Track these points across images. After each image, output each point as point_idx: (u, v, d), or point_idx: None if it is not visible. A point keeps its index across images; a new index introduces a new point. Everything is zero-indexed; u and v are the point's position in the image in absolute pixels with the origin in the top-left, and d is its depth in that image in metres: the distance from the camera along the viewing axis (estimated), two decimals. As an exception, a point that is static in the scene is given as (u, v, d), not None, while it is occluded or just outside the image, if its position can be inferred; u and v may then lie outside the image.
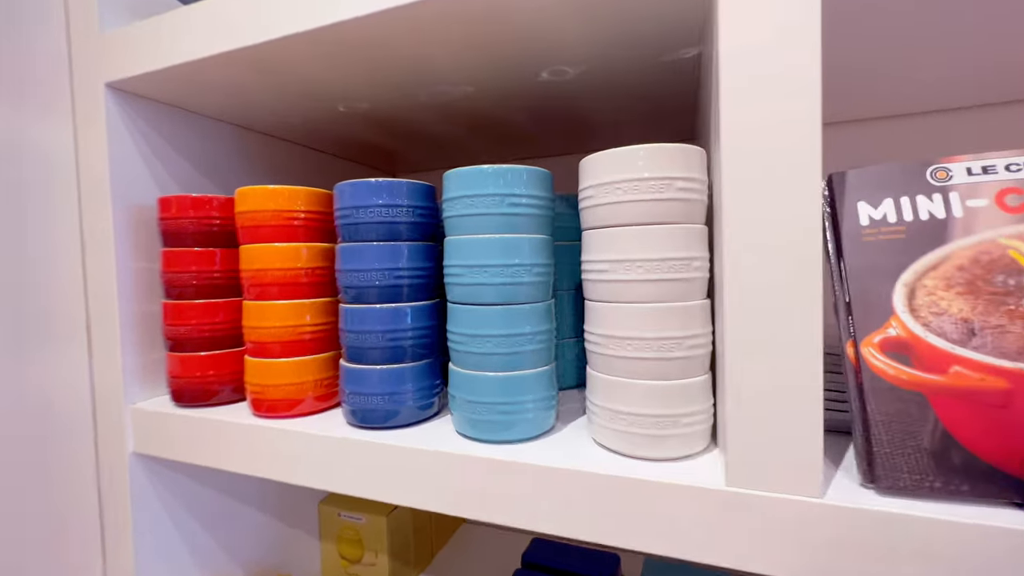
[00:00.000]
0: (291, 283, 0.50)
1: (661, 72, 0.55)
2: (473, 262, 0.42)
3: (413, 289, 0.48)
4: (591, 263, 0.41)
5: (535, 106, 0.65)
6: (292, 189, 0.51)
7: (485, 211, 0.41)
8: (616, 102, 0.64)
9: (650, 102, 0.64)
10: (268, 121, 0.69)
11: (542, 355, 0.44)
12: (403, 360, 0.47)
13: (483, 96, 0.61)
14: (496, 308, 0.42)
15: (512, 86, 0.58)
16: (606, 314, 0.40)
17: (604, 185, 0.39)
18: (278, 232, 0.51)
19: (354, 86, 0.58)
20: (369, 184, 0.46)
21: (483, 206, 0.41)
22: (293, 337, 0.50)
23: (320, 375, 0.52)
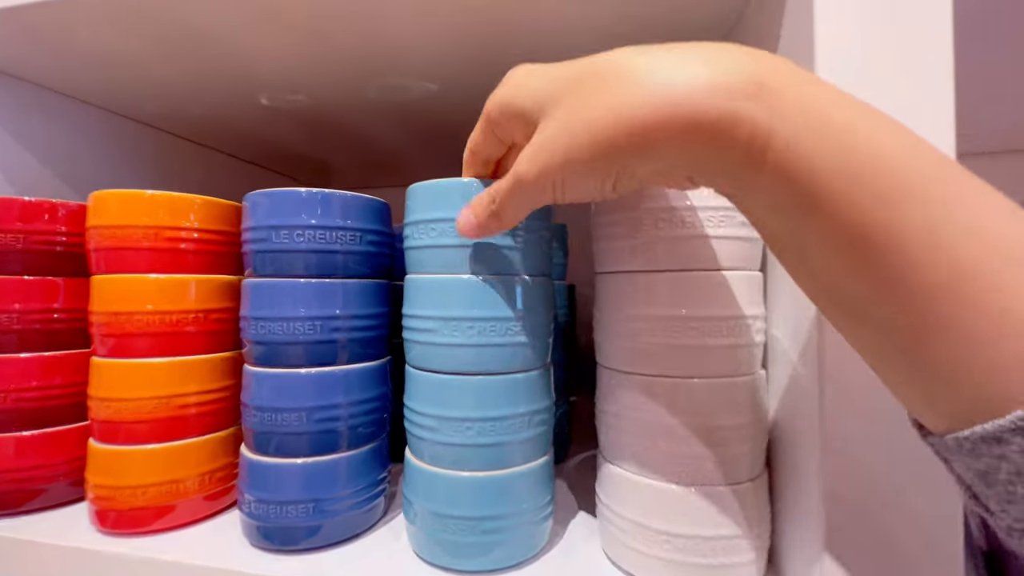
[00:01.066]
0: (170, 332, 0.35)
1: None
2: (448, 312, 0.29)
3: (355, 345, 0.34)
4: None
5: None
6: (178, 197, 0.36)
7: (465, 241, 0.29)
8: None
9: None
10: (155, 107, 0.53)
11: (540, 442, 0.32)
12: (337, 448, 0.33)
13: (447, 96, 0.49)
14: (482, 380, 0.29)
15: (485, 83, 0.47)
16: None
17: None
18: (154, 258, 0.35)
19: (288, 68, 0.44)
20: (296, 196, 0.32)
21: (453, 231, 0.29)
22: (169, 413, 0.34)
23: (210, 465, 0.36)
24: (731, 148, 0.17)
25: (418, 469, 0.31)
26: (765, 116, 0.16)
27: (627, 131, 0.18)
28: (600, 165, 0.19)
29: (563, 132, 0.20)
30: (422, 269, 0.31)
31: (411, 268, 0.32)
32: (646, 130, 0.18)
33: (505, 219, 0.25)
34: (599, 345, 0.33)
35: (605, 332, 0.32)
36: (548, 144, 0.21)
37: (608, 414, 0.31)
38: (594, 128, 0.19)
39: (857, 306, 0.17)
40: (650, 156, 0.18)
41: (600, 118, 0.18)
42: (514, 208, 0.25)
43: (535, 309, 0.31)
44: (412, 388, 0.31)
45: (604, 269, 0.32)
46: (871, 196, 0.15)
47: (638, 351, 0.29)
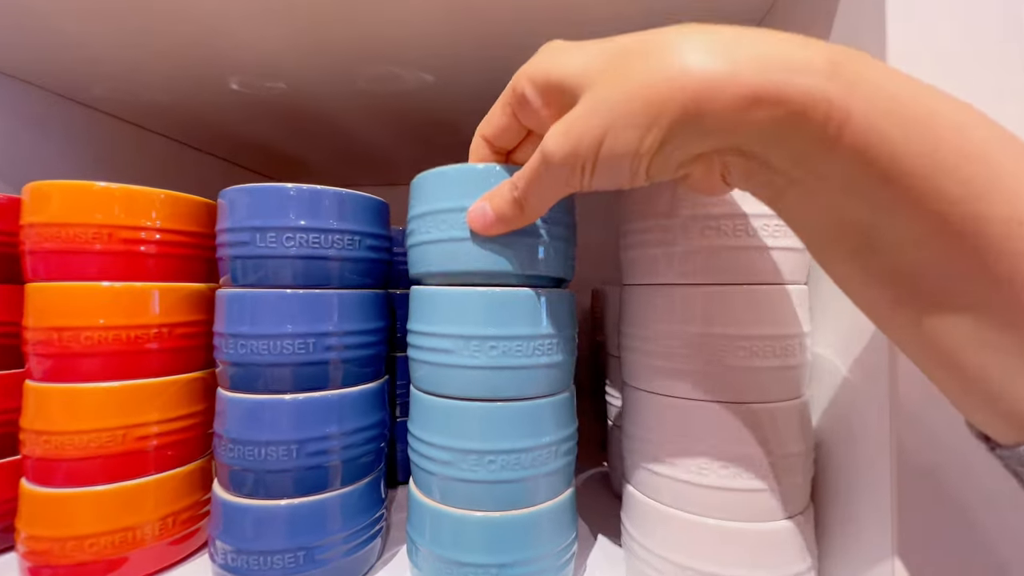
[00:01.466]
0: (127, 351, 0.29)
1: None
2: (469, 330, 0.25)
3: (351, 365, 0.29)
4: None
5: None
6: (137, 191, 0.30)
7: (468, 234, 0.25)
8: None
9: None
10: (104, 91, 0.46)
11: (566, 474, 0.28)
12: (328, 486, 0.28)
13: (444, 89, 0.46)
14: (507, 407, 0.26)
15: (485, 78, 0.44)
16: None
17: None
18: (108, 262, 0.30)
19: (267, 52, 0.39)
20: (283, 193, 0.28)
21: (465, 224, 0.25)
22: (124, 447, 0.29)
23: (173, 507, 0.31)
24: (803, 126, 0.15)
25: (426, 508, 0.27)
26: (842, 95, 0.15)
27: (685, 98, 0.16)
28: (645, 136, 0.17)
29: (605, 103, 0.18)
30: (426, 267, 0.27)
31: (416, 267, 0.28)
32: (706, 99, 0.16)
33: (528, 208, 0.23)
34: (627, 363, 0.30)
35: (635, 349, 0.29)
36: (585, 117, 0.18)
37: (636, 439, 0.28)
38: (647, 93, 0.17)
39: (934, 298, 0.16)
40: (705, 129, 0.17)
41: (656, 84, 0.17)
42: (539, 195, 0.22)
43: (562, 324, 0.27)
44: (421, 415, 0.27)
45: (635, 281, 0.29)
46: (956, 184, 0.15)
47: (673, 371, 0.27)
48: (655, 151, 0.18)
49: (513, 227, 0.24)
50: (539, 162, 0.20)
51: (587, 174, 0.19)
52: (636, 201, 0.28)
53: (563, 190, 0.21)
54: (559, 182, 0.21)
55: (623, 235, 0.30)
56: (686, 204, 0.26)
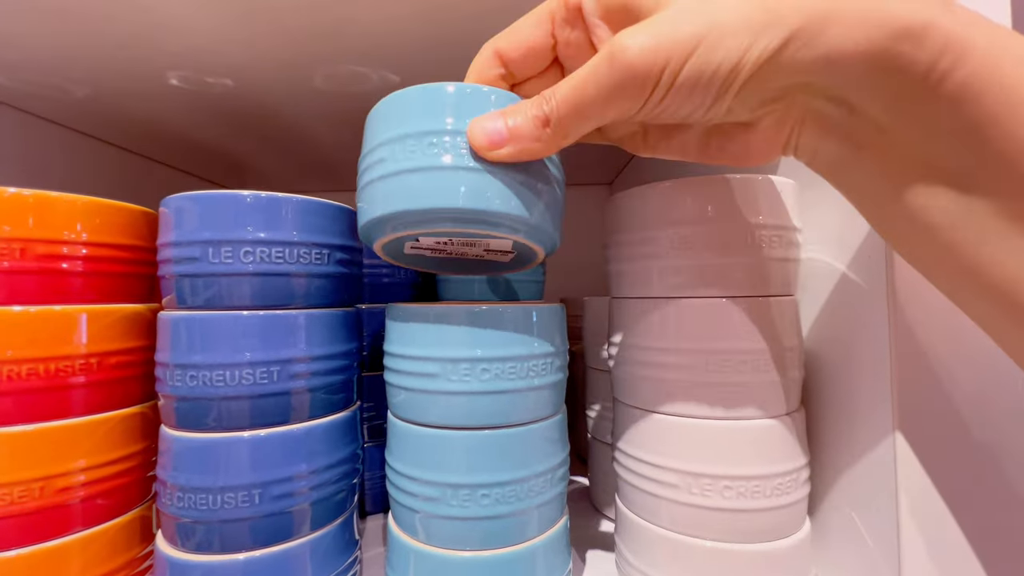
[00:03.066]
0: (47, 387, 0.25)
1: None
2: (450, 352, 0.23)
3: (320, 393, 0.26)
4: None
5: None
6: (57, 199, 0.26)
7: (468, 163, 0.20)
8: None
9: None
10: (13, 83, 0.40)
11: (560, 502, 0.27)
12: (294, 534, 0.25)
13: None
14: (496, 434, 0.24)
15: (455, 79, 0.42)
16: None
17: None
18: (20, 283, 0.25)
19: (212, 43, 0.35)
20: (237, 201, 0.24)
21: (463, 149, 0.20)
22: (44, 501, 0.24)
23: (105, 567, 0.26)
24: (916, 57, 0.15)
25: (409, 548, 0.24)
26: (960, 26, 0.14)
27: (811, 9, 0.15)
28: (754, 44, 0.15)
29: (705, 3, 0.16)
30: (383, 209, 0.21)
31: (367, 214, 0.22)
32: (833, 14, 0.15)
33: (560, 131, 0.18)
34: (619, 378, 0.29)
35: (628, 362, 0.27)
36: (675, 17, 0.16)
37: (631, 458, 0.27)
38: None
39: None
40: (817, 52, 0.15)
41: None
42: (581, 113, 0.18)
43: (556, 340, 0.25)
44: (401, 446, 0.25)
45: (625, 294, 0.28)
46: None
47: (670, 388, 0.25)
48: (758, 67, 0.16)
49: (531, 155, 0.19)
50: (600, 63, 0.16)
51: (661, 89, 0.16)
52: (626, 211, 0.27)
53: (612, 110, 0.17)
54: (615, 95, 0.17)
55: (612, 246, 0.29)
56: (672, 219, 0.25)
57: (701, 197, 0.24)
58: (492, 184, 0.20)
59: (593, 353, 0.41)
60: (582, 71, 0.17)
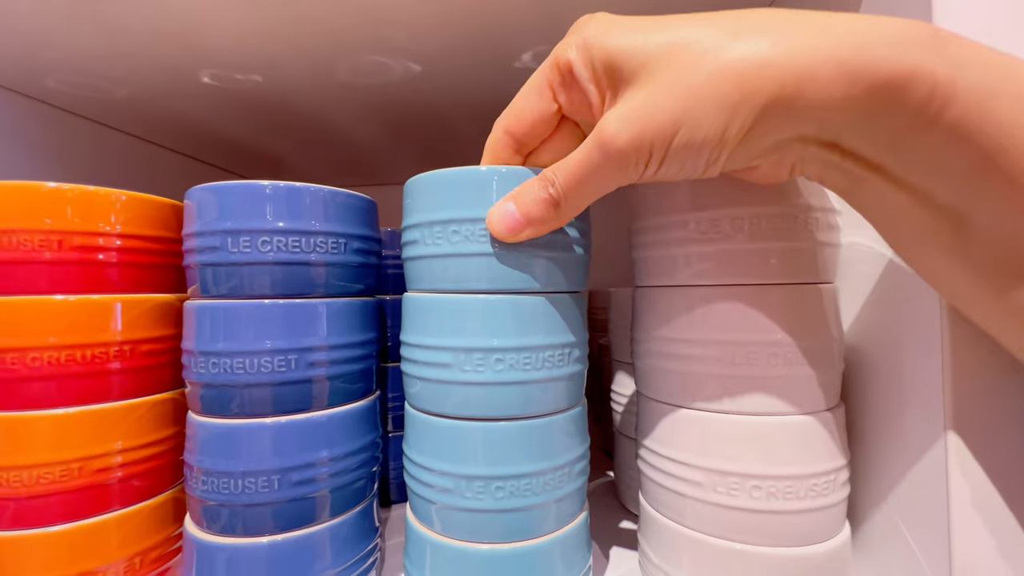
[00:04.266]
0: (85, 373, 0.26)
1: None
2: (470, 342, 0.23)
3: (340, 382, 0.27)
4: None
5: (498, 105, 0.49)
6: (94, 192, 0.27)
7: (491, 249, 0.23)
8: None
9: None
10: (62, 86, 0.43)
11: (579, 496, 0.26)
12: (316, 519, 0.25)
13: (432, 79, 0.43)
14: (511, 426, 0.23)
15: (476, 68, 0.41)
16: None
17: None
18: (60, 273, 0.26)
19: (241, 42, 0.36)
20: (258, 191, 0.25)
21: (482, 236, 0.22)
22: (83, 481, 0.26)
23: (141, 544, 0.27)
24: (903, 103, 0.14)
25: (425, 539, 0.24)
26: (946, 68, 0.14)
27: (782, 78, 0.14)
28: (732, 121, 0.15)
29: (681, 86, 0.16)
30: (431, 285, 0.24)
31: (415, 283, 0.25)
32: (804, 79, 0.14)
33: (566, 207, 0.20)
34: (642, 371, 0.27)
35: (651, 355, 0.26)
36: (654, 99, 0.16)
37: (655, 454, 0.26)
38: (737, 75, 0.15)
39: None
40: (798, 113, 0.15)
41: (746, 65, 0.15)
42: (582, 191, 0.19)
43: (575, 330, 0.25)
44: (417, 436, 0.25)
45: (649, 282, 0.27)
46: None
47: (692, 382, 0.24)
48: (740, 138, 0.16)
49: (544, 230, 0.21)
50: (592, 151, 0.18)
51: (653, 164, 0.17)
52: (650, 196, 0.26)
53: (612, 184, 0.19)
54: (611, 175, 0.18)
55: (636, 233, 0.27)
56: (705, 197, 0.23)
57: (730, 179, 0.23)
58: (511, 260, 0.22)
59: (619, 346, 0.40)
60: (578, 155, 0.19)
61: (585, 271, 0.26)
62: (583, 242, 0.25)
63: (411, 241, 0.25)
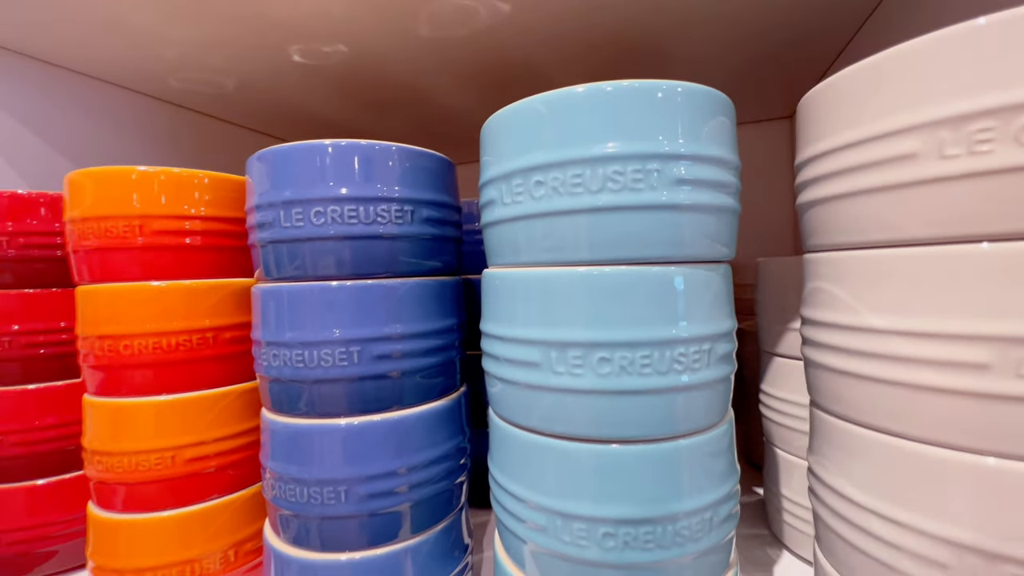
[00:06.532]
0: (177, 360, 0.25)
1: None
2: (557, 334, 0.17)
3: (417, 377, 0.22)
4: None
5: (597, 44, 0.41)
6: (176, 174, 0.26)
7: (601, 201, 0.16)
8: (724, 35, 0.39)
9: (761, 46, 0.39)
10: (184, 84, 0.45)
11: (723, 552, 0.18)
12: (397, 536, 0.22)
13: (522, 20, 0.36)
14: (624, 451, 0.17)
15: (573, 4, 0.33)
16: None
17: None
18: (151, 259, 0.26)
19: (327, 10, 0.33)
20: (319, 152, 0.21)
21: (596, 187, 0.16)
22: (179, 470, 0.25)
23: (237, 535, 0.27)
24: None
25: (519, 583, 0.19)
26: None
27: None
28: None
29: None
30: (514, 257, 0.18)
31: (494, 257, 0.20)
32: None
33: None
34: (819, 375, 0.19)
35: (842, 355, 0.18)
36: None
37: (845, 500, 0.17)
38: None
39: None
40: None
41: None
42: None
43: (717, 317, 0.17)
44: (502, 451, 0.19)
45: (835, 241, 0.18)
46: None
47: (920, 401, 0.15)
48: None
49: None
50: None
51: None
52: (846, 96, 0.17)
53: None
54: None
55: (812, 164, 0.18)
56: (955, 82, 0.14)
57: (1011, 43, 0.13)
58: (631, 220, 0.16)
59: (771, 333, 0.31)
60: None
61: (732, 231, 0.18)
62: (730, 188, 0.17)
63: (488, 202, 0.19)
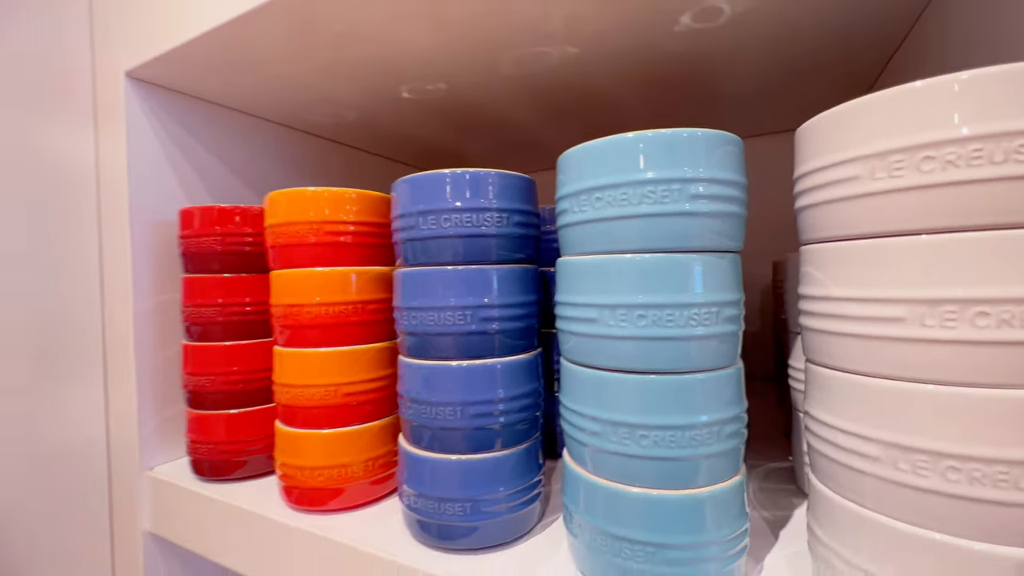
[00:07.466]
0: (335, 324, 0.36)
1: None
2: (612, 299, 0.25)
3: (507, 336, 0.31)
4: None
5: (658, 72, 0.48)
6: (339, 192, 0.37)
7: (634, 211, 0.24)
8: (768, 55, 0.45)
9: (818, 58, 0.44)
10: (319, 118, 0.57)
11: (732, 458, 0.26)
12: (493, 447, 0.31)
13: (589, 58, 0.44)
14: (655, 380, 0.24)
15: (629, 43, 0.41)
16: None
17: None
18: (319, 252, 0.37)
19: (429, 56, 0.43)
20: (443, 178, 0.30)
21: (632, 202, 0.24)
22: (337, 400, 0.36)
23: (372, 452, 0.37)
24: None
25: (580, 478, 0.27)
26: None
27: None
28: None
29: None
30: (582, 249, 0.26)
31: (567, 249, 0.28)
32: None
33: None
34: (807, 334, 0.25)
35: (813, 315, 0.24)
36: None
37: (822, 425, 0.24)
38: None
39: None
40: None
41: None
42: None
43: (723, 291, 0.24)
44: (569, 385, 0.28)
45: (817, 235, 0.24)
46: None
47: (872, 346, 0.21)
48: None
49: None
50: None
51: None
52: (820, 134, 0.23)
53: None
54: None
55: (801, 180, 0.25)
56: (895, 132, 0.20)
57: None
58: (658, 223, 0.24)
59: (793, 315, 0.36)
60: None
61: (736, 230, 0.25)
62: (734, 199, 0.24)
63: (563, 211, 0.28)
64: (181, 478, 0.43)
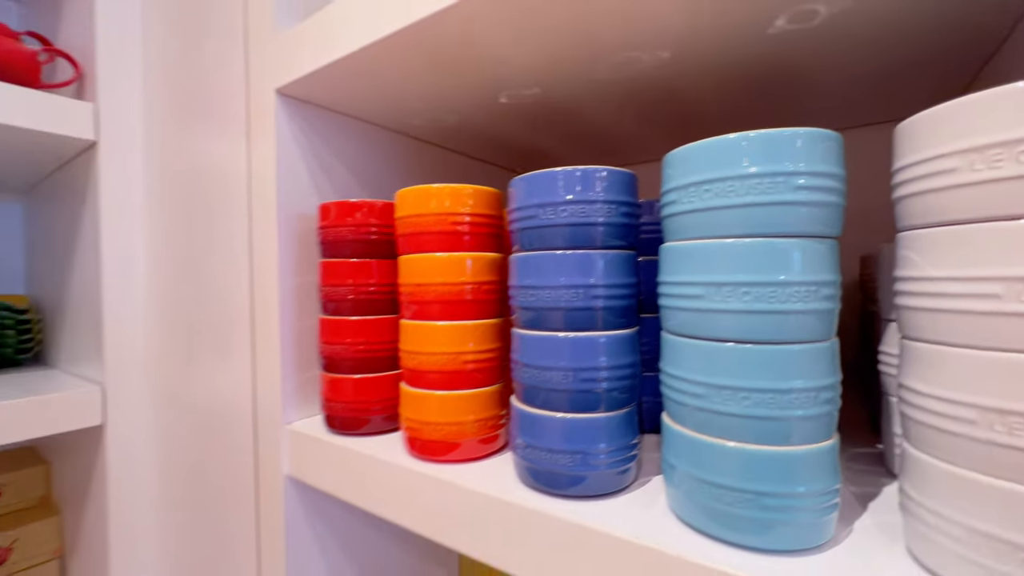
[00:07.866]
0: (454, 301, 0.42)
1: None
2: (718, 277, 0.28)
3: (610, 313, 0.35)
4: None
5: (748, 73, 0.50)
6: (458, 188, 0.43)
7: (739, 201, 0.27)
8: (861, 55, 0.46)
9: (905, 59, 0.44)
10: (422, 122, 0.64)
11: (825, 423, 0.28)
12: (596, 408, 0.35)
13: (680, 62, 0.47)
14: (758, 349, 0.28)
15: (721, 46, 0.44)
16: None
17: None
18: (440, 240, 0.43)
19: (530, 64, 0.48)
20: (557, 175, 0.35)
21: (738, 193, 0.27)
22: (455, 367, 0.42)
23: (483, 414, 0.42)
24: None
25: (680, 435, 0.31)
26: None
27: None
28: None
29: None
30: (687, 235, 0.30)
31: (673, 236, 0.32)
32: None
33: None
34: (904, 314, 0.28)
35: (913, 294, 0.26)
36: None
37: (919, 394, 0.26)
38: None
39: None
40: None
41: None
42: None
43: (820, 272, 0.27)
44: (674, 355, 0.31)
45: (918, 222, 0.27)
46: None
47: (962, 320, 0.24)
48: None
49: None
50: None
51: None
52: (920, 131, 0.26)
53: None
54: None
55: (900, 172, 0.27)
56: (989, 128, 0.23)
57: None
58: (759, 212, 0.28)
59: (886, 304, 0.38)
60: None
61: (834, 219, 0.28)
62: (833, 190, 0.27)
63: (669, 202, 0.31)
64: (315, 431, 0.51)
